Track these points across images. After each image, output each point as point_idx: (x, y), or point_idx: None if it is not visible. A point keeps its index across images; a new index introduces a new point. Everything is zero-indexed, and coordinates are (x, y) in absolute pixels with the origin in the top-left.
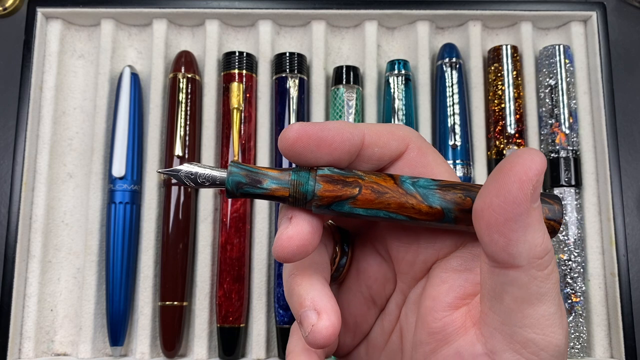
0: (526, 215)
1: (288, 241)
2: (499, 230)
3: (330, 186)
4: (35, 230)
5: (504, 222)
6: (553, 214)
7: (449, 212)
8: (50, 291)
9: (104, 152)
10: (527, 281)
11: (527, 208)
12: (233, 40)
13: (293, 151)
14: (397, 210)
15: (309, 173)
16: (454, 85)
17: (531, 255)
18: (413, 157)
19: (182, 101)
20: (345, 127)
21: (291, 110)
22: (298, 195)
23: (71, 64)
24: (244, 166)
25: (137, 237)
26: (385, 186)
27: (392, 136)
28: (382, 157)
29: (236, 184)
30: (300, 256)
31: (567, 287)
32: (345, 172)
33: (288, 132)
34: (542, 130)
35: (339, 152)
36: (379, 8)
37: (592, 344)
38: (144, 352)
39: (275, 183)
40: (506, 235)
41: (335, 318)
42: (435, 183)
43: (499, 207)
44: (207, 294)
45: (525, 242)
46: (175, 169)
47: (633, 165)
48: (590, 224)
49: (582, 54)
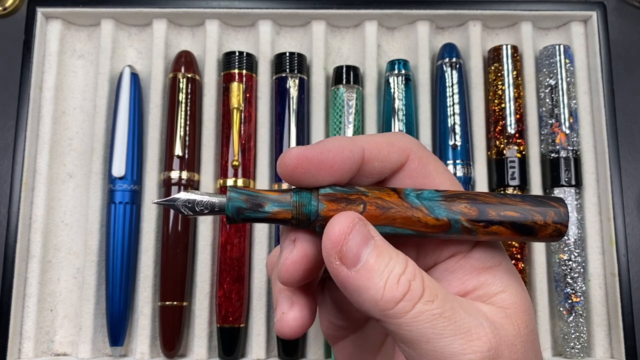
0: (348, 282)
1: (294, 266)
2: (347, 295)
3: (334, 205)
4: (35, 230)
5: (343, 289)
6: (559, 217)
7: (456, 223)
8: (50, 291)
9: (104, 152)
10: (394, 329)
11: (346, 276)
12: (233, 40)
13: (294, 176)
14: (404, 225)
15: (310, 193)
16: (454, 85)
17: (379, 309)
18: (414, 168)
19: (182, 101)
20: (345, 146)
21: (291, 110)
22: (301, 216)
23: (71, 64)
24: (243, 191)
25: (137, 237)
26: (390, 201)
27: (392, 148)
28: (383, 170)
29: (236, 209)
30: (306, 280)
31: (567, 287)
32: (347, 190)
33: (287, 159)
34: (542, 130)
35: (340, 172)
36: (379, 8)
37: (592, 344)
38: (143, 352)
39: (277, 206)
40: (351, 298)
41: (306, 313)
42: (439, 194)
43: (334, 278)
44: (207, 294)
45: (365, 301)
46: (172, 198)
47: (633, 165)
48: (590, 224)
49: (582, 54)
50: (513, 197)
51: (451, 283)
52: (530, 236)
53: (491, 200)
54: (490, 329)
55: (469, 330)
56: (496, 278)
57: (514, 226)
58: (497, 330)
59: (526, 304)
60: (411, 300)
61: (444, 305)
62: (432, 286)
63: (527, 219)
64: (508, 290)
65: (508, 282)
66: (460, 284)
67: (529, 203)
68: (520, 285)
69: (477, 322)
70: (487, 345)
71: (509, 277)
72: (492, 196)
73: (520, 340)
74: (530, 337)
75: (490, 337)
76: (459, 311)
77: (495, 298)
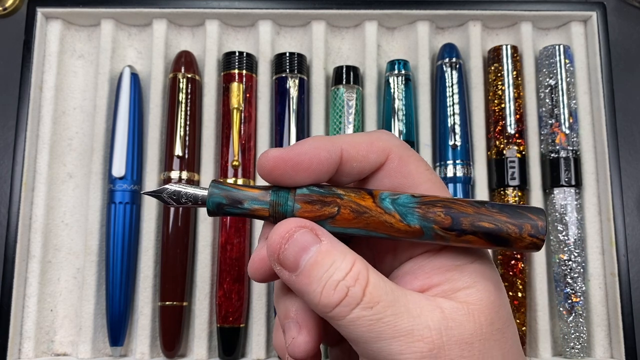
0: (290, 284)
1: (260, 262)
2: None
3: (309, 206)
4: (35, 231)
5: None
6: (535, 231)
7: (428, 231)
8: (50, 291)
9: (104, 152)
10: (336, 328)
11: (287, 279)
12: (233, 40)
13: (272, 178)
14: (376, 229)
15: (288, 193)
16: (454, 85)
17: (319, 311)
18: (394, 168)
19: (182, 101)
20: (322, 146)
21: (291, 110)
22: (278, 215)
23: (71, 64)
24: (224, 186)
25: (137, 237)
26: (364, 205)
27: (371, 148)
28: (362, 170)
29: (217, 204)
30: (274, 277)
31: (567, 287)
32: (324, 192)
33: (264, 161)
34: (542, 130)
35: (317, 173)
36: (379, 8)
37: (592, 344)
38: (143, 352)
39: (255, 203)
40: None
41: (314, 334)
42: (415, 200)
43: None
44: (207, 294)
45: (307, 302)
46: (160, 189)
47: (633, 165)
48: (590, 224)
49: (582, 54)
50: (491, 207)
51: (418, 277)
52: (505, 246)
53: (467, 210)
54: (436, 330)
55: (410, 332)
56: (464, 274)
57: (487, 237)
58: (449, 329)
59: (495, 301)
60: (348, 306)
61: (385, 310)
62: (375, 292)
63: (501, 230)
64: (475, 287)
65: (477, 279)
66: (425, 277)
67: (506, 214)
68: (491, 284)
69: (424, 323)
70: (429, 346)
71: (479, 274)
72: (469, 205)
73: (480, 338)
74: (496, 335)
75: (434, 337)
76: (402, 315)
77: (460, 293)
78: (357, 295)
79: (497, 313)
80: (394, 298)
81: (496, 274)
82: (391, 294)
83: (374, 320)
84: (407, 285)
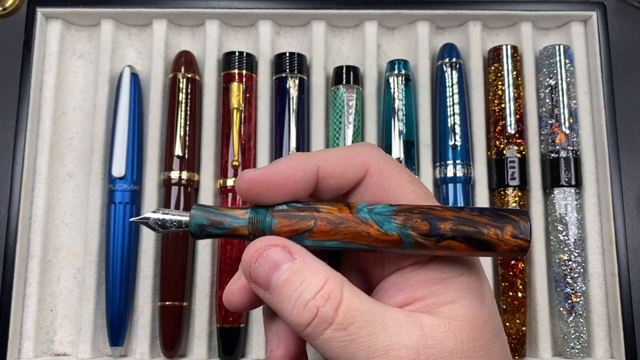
0: (266, 302)
1: (240, 292)
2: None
3: (286, 221)
4: (35, 231)
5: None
6: (519, 231)
7: (407, 238)
8: (50, 291)
9: (104, 152)
10: (316, 346)
11: (263, 297)
12: (233, 40)
13: (249, 197)
14: (354, 240)
15: (266, 210)
16: (454, 85)
17: (294, 329)
18: (373, 183)
19: (182, 101)
20: (298, 165)
21: (291, 110)
22: (257, 232)
23: (71, 64)
24: (205, 208)
25: (137, 237)
26: (340, 216)
27: (349, 164)
28: (341, 186)
29: (198, 226)
30: (252, 306)
31: (567, 287)
32: (301, 206)
33: (240, 182)
34: (542, 130)
35: (293, 191)
36: (379, 8)
37: (592, 344)
38: (143, 353)
39: (235, 222)
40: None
41: (292, 350)
42: (392, 209)
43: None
44: (207, 294)
45: (284, 319)
46: (145, 217)
47: (633, 165)
48: (590, 224)
49: (582, 54)
50: (471, 211)
51: (403, 289)
52: (489, 251)
53: (446, 215)
54: (414, 349)
55: (386, 351)
56: (449, 289)
57: (468, 241)
58: (427, 348)
59: (480, 317)
60: (319, 326)
61: (358, 331)
62: (348, 312)
63: (481, 233)
64: (460, 302)
65: (463, 293)
66: (410, 290)
67: (486, 217)
68: (477, 299)
69: (401, 342)
70: None
71: (466, 288)
72: (448, 210)
73: (461, 356)
74: (479, 352)
75: (411, 357)
76: (378, 335)
77: (442, 308)
78: (328, 316)
79: (481, 329)
80: (371, 317)
81: (484, 287)
82: (367, 313)
83: (347, 342)
84: (390, 298)
